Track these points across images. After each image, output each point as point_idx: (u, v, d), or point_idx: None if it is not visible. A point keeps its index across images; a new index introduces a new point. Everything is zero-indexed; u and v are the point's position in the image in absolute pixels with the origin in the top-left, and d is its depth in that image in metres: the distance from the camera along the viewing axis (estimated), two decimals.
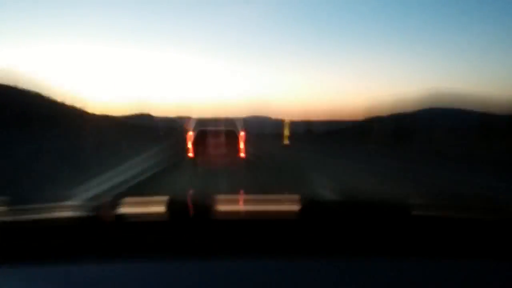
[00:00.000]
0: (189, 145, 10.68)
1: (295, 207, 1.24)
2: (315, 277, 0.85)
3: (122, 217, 1.11)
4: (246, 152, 11.12)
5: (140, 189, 7.64)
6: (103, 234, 1.01)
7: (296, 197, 1.38)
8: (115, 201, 1.21)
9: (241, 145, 10.83)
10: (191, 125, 11.07)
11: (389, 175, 11.38)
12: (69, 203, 1.31)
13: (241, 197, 1.93)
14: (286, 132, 31.39)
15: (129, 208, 1.21)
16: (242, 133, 10.99)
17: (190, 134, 10.83)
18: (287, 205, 1.43)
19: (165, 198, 1.23)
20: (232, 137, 10.79)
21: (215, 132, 11.01)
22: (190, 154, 10.65)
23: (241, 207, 1.48)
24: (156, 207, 1.27)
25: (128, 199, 1.31)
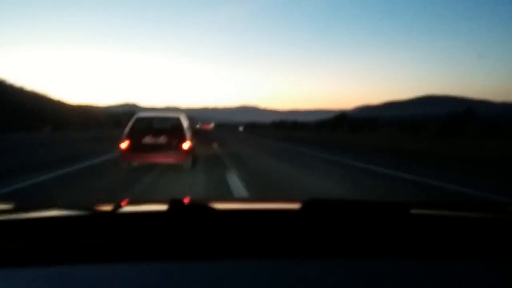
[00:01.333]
0: (124, 143, 9.04)
1: (295, 207, 1.19)
2: (316, 278, 0.83)
3: (122, 217, 1.10)
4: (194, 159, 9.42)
5: None
6: (103, 235, 1.00)
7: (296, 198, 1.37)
8: (114, 201, 1.22)
9: (185, 146, 9.22)
10: (132, 120, 9.62)
11: None
12: (68, 202, 1.40)
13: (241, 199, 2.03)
14: None
15: (128, 208, 1.20)
16: (187, 134, 9.55)
17: (127, 130, 9.32)
18: (287, 205, 1.41)
19: (164, 199, 1.23)
20: (174, 136, 9.25)
21: (155, 129, 9.61)
22: (124, 153, 9.07)
23: (240, 207, 1.45)
24: (155, 207, 1.29)
25: (126, 200, 1.31)
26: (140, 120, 9.88)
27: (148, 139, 9.14)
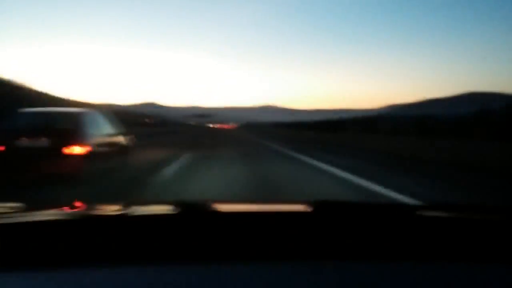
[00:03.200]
0: None
1: (305, 209, 1.28)
2: (325, 281, 0.86)
3: (128, 219, 1.13)
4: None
5: None
6: (105, 237, 1.02)
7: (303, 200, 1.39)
8: (117, 203, 1.26)
9: (77, 151, 6.86)
10: (8, 117, 7.81)
11: None
12: (69, 204, 1.31)
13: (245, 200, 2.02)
14: None
15: (133, 210, 1.25)
16: (87, 135, 7.31)
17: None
18: (296, 207, 1.45)
19: (169, 200, 1.36)
20: (63, 138, 6.94)
21: (38, 129, 7.12)
22: None
23: (245, 208, 1.51)
24: (159, 209, 1.36)
25: (129, 201, 1.35)
26: (19, 116, 7.79)
27: (23, 142, 6.82)
